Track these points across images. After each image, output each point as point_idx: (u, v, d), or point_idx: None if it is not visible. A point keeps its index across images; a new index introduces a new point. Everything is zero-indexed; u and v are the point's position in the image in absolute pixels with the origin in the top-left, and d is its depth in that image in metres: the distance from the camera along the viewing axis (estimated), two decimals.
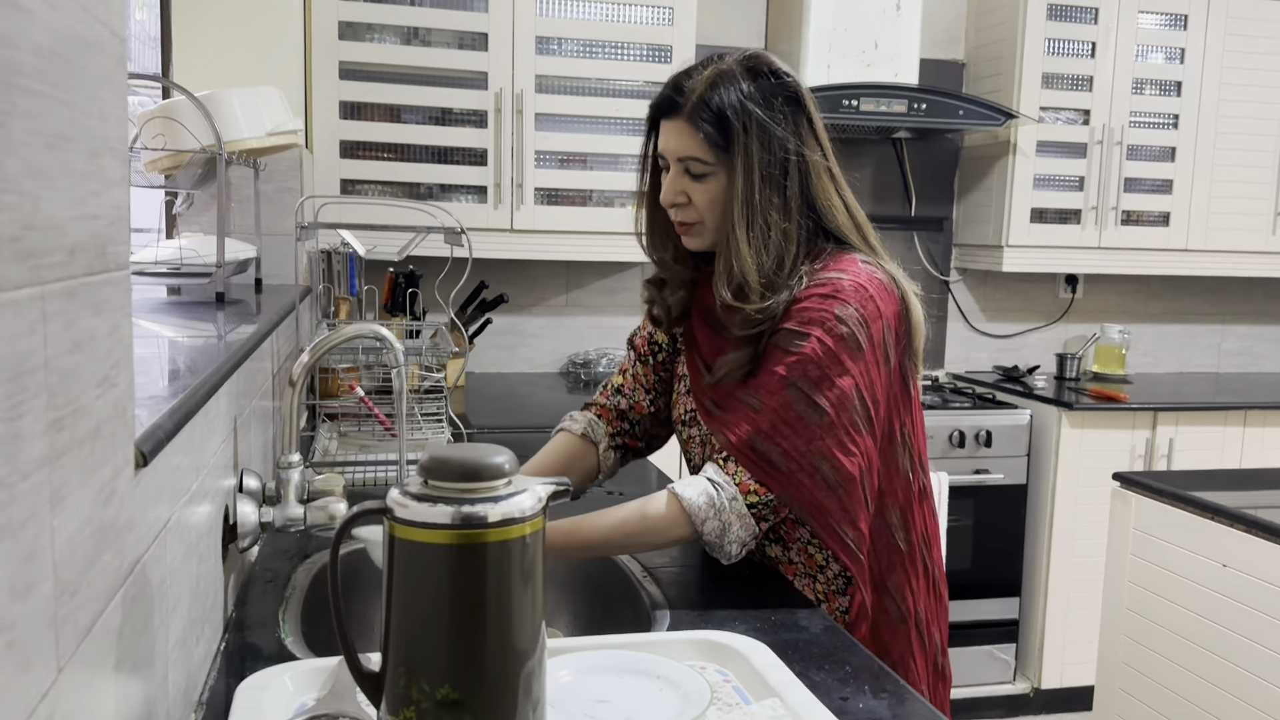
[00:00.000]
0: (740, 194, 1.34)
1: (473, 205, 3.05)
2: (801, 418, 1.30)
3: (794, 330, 1.33)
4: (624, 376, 1.64)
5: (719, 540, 1.32)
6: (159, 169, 1.99)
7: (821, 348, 1.31)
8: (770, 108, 1.35)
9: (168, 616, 0.87)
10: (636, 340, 1.65)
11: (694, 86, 1.36)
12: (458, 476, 0.80)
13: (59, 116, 0.56)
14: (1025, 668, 3.45)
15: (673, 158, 1.38)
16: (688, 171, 1.37)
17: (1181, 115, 3.60)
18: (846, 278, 1.35)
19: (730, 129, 1.33)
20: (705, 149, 1.35)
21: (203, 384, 0.98)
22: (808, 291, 1.35)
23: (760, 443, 1.31)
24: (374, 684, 0.84)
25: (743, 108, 1.33)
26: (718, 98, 1.34)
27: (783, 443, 1.31)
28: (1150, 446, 3.36)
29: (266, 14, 2.64)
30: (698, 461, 1.52)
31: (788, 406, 1.31)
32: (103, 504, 0.65)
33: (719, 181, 1.36)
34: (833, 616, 1.43)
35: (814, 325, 1.32)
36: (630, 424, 1.63)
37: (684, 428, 1.54)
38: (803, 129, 1.37)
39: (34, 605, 0.53)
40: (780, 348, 1.34)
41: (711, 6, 3.48)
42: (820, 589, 1.43)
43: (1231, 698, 2.05)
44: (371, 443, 2.17)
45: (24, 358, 0.51)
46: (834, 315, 1.32)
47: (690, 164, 1.36)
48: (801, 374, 1.31)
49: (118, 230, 0.67)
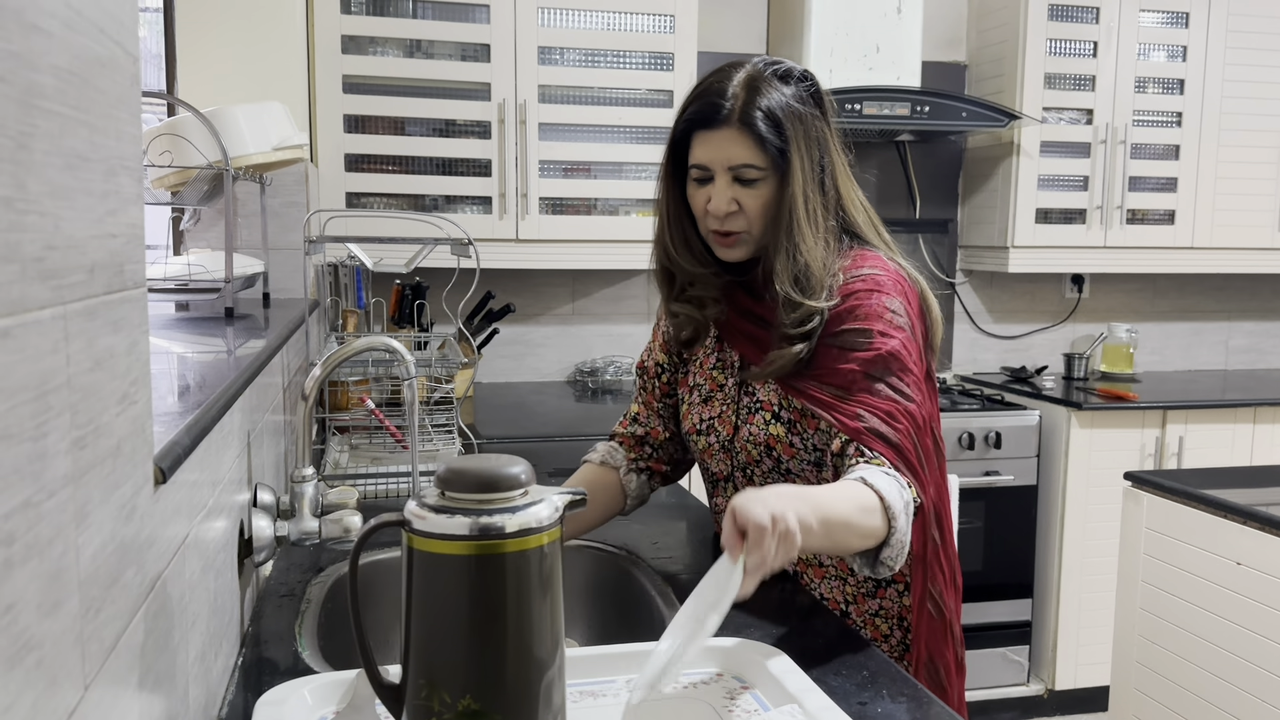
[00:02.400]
0: (800, 192, 1.34)
1: (478, 216, 3.06)
2: (898, 403, 1.31)
3: (857, 329, 1.33)
4: (638, 404, 1.63)
5: (902, 539, 1.22)
6: (166, 185, 2.00)
7: (892, 343, 1.32)
8: (811, 110, 1.37)
9: (187, 632, 0.87)
10: (647, 364, 1.62)
11: (735, 93, 1.34)
12: (475, 488, 0.81)
13: (78, 136, 0.56)
14: (1039, 669, 3.44)
15: (722, 167, 1.36)
16: (738, 179, 1.36)
17: (1185, 113, 3.60)
18: (880, 273, 1.37)
19: (784, 130, 1.33)
20: (758, 154, 1.34)
21: (217, 400, 0.99)
22: (850, 287, 1.36)
23: (878, 425, 1.29)
24: (395, 696, 0.84)
25: (789, 109, 1.34)
26: (765, 100, 1.34)
27: (895, 427, 1.30)
28: (1160, 445, 3.35)
29: (270, 29, 2.65)
30: (718, 470, 1.50)
31: (882, 395, 1.31)
32: (124, 521, 0.65)
33: (769, 186, 1.35)
34: (862, 619, 1.43)
35: (875, 320, 1.33)
36: (651, 448, 1.60)
37: (699, 437, 1.51)
38: (829, 129, 1.39)
39: (61, 623, 0.53)
40: (845, 348, 1.33)
41: (713, 13, 3.49)
42: (850, 591, 1.43)
43: (1248, 696, 2.04)
44: (383, 455, 2.17)
45: (48, 376, 0.51)
46: (888, 308, 1.34)
47: (743, 171, 1.35)
48: (883, 368, 1.32)
49: (134, 248, 0.68)
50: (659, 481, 1.61)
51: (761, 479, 1.44)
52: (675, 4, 3.10)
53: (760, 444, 1.41)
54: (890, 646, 1.44)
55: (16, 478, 0.47)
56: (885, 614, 1.44)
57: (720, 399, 1.49)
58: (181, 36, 2.58)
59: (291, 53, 2.71)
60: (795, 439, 1.39)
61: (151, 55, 2.58)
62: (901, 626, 1.44)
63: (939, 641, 1.42)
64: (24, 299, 0.48)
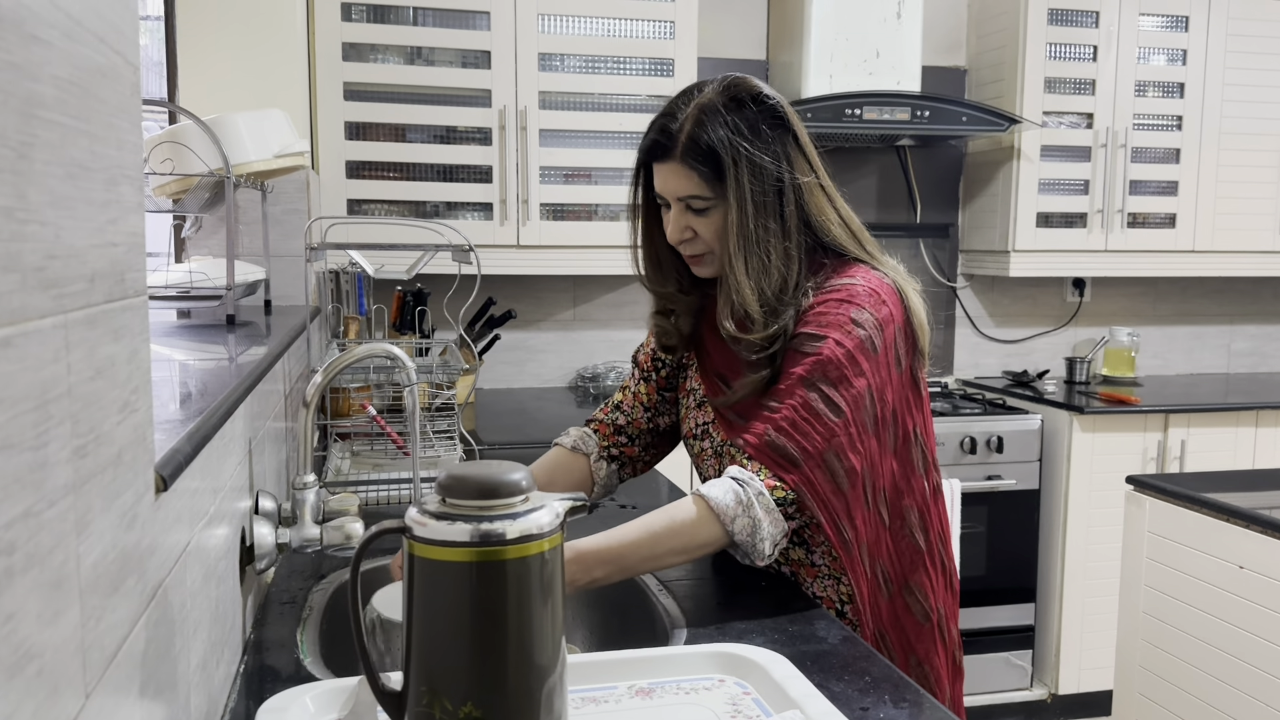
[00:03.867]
0: (735, 227, 1.36)
1: (479, 222, 3.06)
2: (819, 415, 1.31)
3: (811, 334, 1.35)
4: (624, 393, 1.66)
5: (750, 539, 1.30)
6: (167, 193, 2.00)
7: (840, 350, 1.33)
8: (757, 135, 1.36)
9: (189, 640, 0.87)
10: (640, 356, 1.66)
11: (680, 127, 1.37)
12: (476, 494, 0.81)
13: (79, 146, 0.56)
14: (1042, 674, 3.44)
15: (672, 198, 1.40)
16: (689, 208, 1.39)
17: (1185, 116, 3.60)
18: (858, 283, 1.37)
19: (722, 164, 1.35)
20: (701, 186, 1.37)
21: (218, 407, 0.99)
22: (822, 297, 1.37)
23: (777, 439, 1.32)
24: (396, 703, 0.84)
25: (730, 142, 1.35)
26: (705, 136, 1.35)
27: (800, 439, 1.31)
28: (1162, 449, 3.35)
29: (270, 37, 2.66)
30: (711, 474, 1.52)
31: (806, 404, 1.32)
32: (125, 529, 0.65)
33: (721, 211, 1.38)
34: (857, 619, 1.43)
35: (831, 328, 1.34)
36: (628, 438, 1.64)
37: (695, 441, 1.55)
38: (790, 150, 1.38)
39: (62, 632, 0.53)
40: (798, 350, 1.35)
41: (713, 19, 3.50)
42: (845, 592, 1.43)
43: (1251, 699, 2.04)
44: (384, 461, 2.17)
45: (49, 386, 0.51)
46: (850, 319, 1.34)
47: (690, 201, 1.38)
48: (821, 374, 1.32)
49: (135, 257, 0.68)
50: (629, 472, 1.66)
51: None
52: (675, 10, 3.11)
53: None
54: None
55: (17, 487, 0.47)
56: None
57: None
58: (183, 44, 2.58)
59: (292, 60, 2.72)
60: None
61: (152, 63, 2.58)
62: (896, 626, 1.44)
63: (925, 643, 1.42)
64: (25, 308, 0.48)
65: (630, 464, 1.65)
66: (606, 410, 1.67)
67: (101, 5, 0.61)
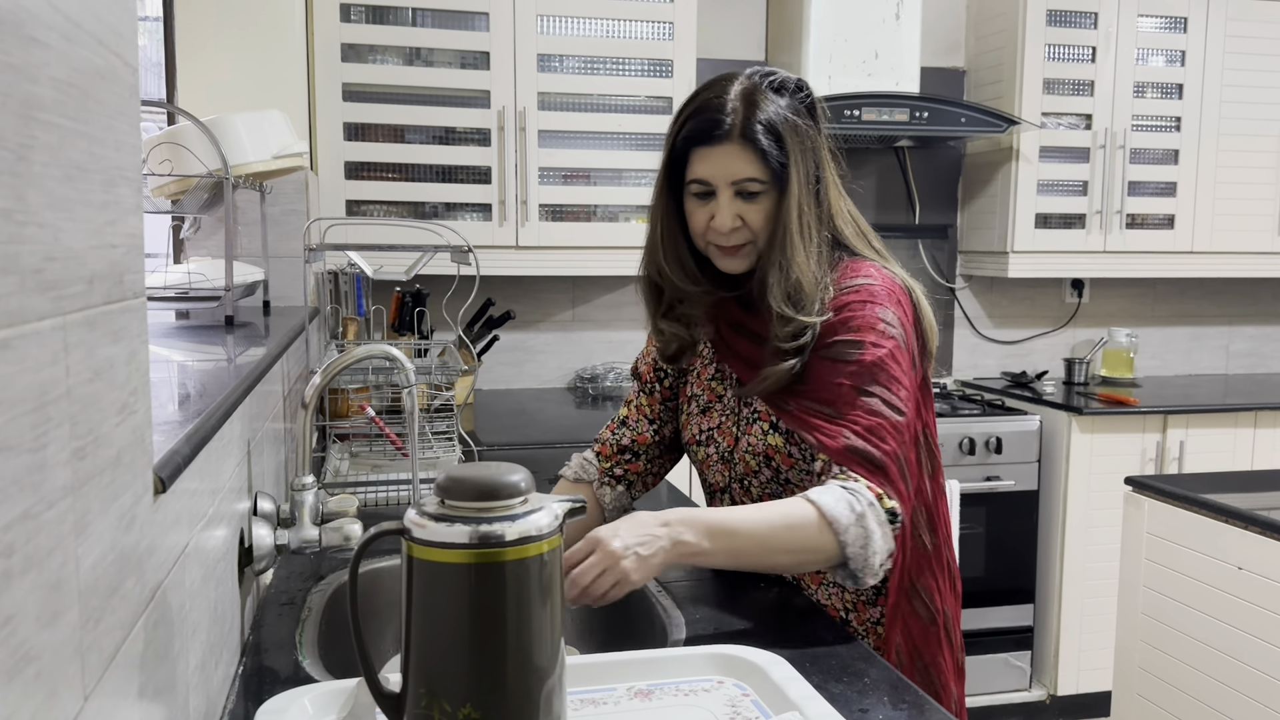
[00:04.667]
0: (795, 205, 1.33)
1: (477, 223, 3.06)
2: (886, 418, 1.29)
3: (848, 340, 1.32)
4: (629, 408, 1.61)
5: (863, 551, 1.22)
6: (166, 194, 2.00)
7: (882, 350, 1.31)
8: (808, 122, 1.36)
9: (188, 641, 0.87)
10: (641, 368, 1.61)
11: (734, 107, 1.33)
12: (474, 496, 0.81)
13: (77, 148, 0.56)
14: (1041, 675, 3.44)
15: (724, 182, 1.35)
16: (740, 194, 1.35)
17: (1184, 117, 3.60)
18: (875, 282, 1.36)
19: (784, 143, 1.33)
20: (760, 168, 1.33)
21: (217, 408, 0.99)
22: (843, 299, 1.35)
23: (857, 443, 1.28)
24: (395, 705, 0.84)
25: (787, 120, 1.34)
26: (763, 114, 1.33)
27: (880, 445, 1.28)
28: (1161, 450, 3.35)
29: (269, 38, 2.66)
30: (716, 481, 1.49)
31: (870, 409, 1.29)
32: (124, 530, 0.65)
33: (771, 199, 1.35)
34: (864, 628, 1.42)
35: (866, 331, 1.32)
36: (633, 455, 1.58)
37: (699, 447, 1.51)
38: (822, 141, 1.38)
39: (61, 634, 0.53)
40: (837, 359, 1.32)
41: (711, 20, 3.50)
42: (849, 599, 1.42)
43: (1251, 701, 2.04)
44: (383, 463, 2.17)
45: (47, 387, 0.51)
46: (879, 318, 1.33)
47: (747, 184, 1.34)
48: (871, 378, 1.30)
49: (133, 258, 0.68)
50: (640, 488, 1.60)
51: (759, 490, 1.44)
52: (674, 11, 3.11)
53: (759, 454, 1.41)
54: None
55: (16, 489, 0.47)
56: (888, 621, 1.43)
57: (719, 410, 1.48)
58: (181, 45, 2.58)
59: (291, 61, 2.72)
60: (793, 449, 1.39)
61: (151, 64, 2.58)
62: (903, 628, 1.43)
63: (932, 645, 1.42)
64: (23, 310, 0.48)
65: (639, 480, 1.59)
66: (612, 428, 1.60)
67: (100, 7, 0.61)
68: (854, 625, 1.43)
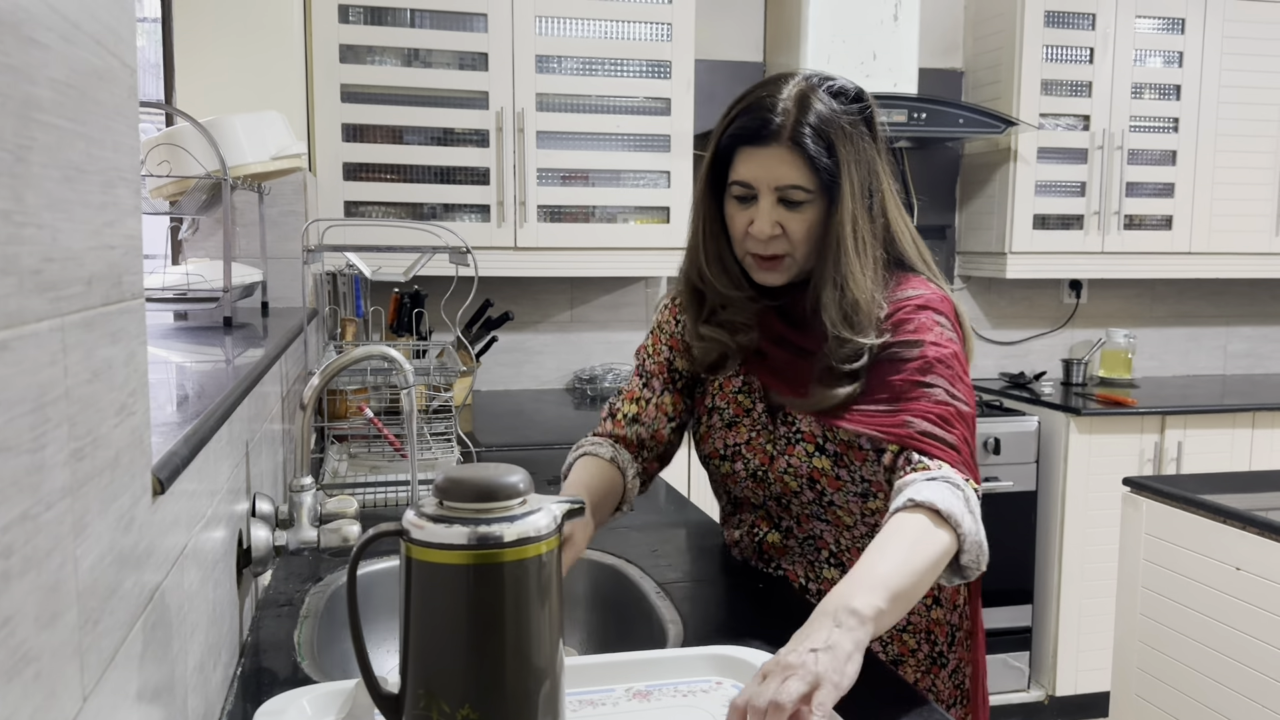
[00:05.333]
0: (849, 218, 1.27)
1: (476, 224, 3.06)
2: (952, 406, 1.25)
3: (908, 341, 1.28)
4: (639, 405, 1.48)
5: (978, 540, 1.16)
6: (164, 195, 2.00)
7: (944, 350, 1.28)
8: (858, 131, 1.29)
9: (186, 642, 0.87)
10: (651, 366, 1.50)
11: (786, 108, 1.27)
12: (473, 497, 0.81)
13: (75, 149, 0.56)
14: (1039, 675, 3.44)
15: (768, 187, 1.28)
16: (783, 201, 1.28)
17: (1181, 118, 3.61)
18: (927, 292, 1.33)
19: (836, 151, 1.26)
20: (808, 175, 1.27)
21: (215, 409, 0.99)
22: (896, 305, 1.31)
23: (929, 427, 1.23)
24: (393, 706, 0.84)
25: (842, 129, 1.27)
26: (818, 118, 1.26)
27: (950, 430, 1.24)
28: (1159, 450, 3.36)
29: (268, 39, 2.66)
30: (746, 497, 1.44)
31: (936, 399, 1.25)
32: (123, 532, 0.65)
33: (816, 210, 1.28)
34: (888, 635, 1.39)
35: (925, 331, 1.29)
36: (649, 451, 1.49)
37: (724, 462, 1.43)
38: (879, 153, 1.32)
39: (59, 635, 0.53)
40: (896, 360, 1.28)
41: (709, 21, 3.50)
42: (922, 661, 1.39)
43: (1249, 701, 2.04)
44: (381, 464, 2.17)
45: (46, 388, 0.51)
46: (937, 322, 1.30)
47: (790, 192, 1.28)
48: (934, 372, 1.26)
49: (132, 259, 0.68)
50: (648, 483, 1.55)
51: (800, 510, 1.39)
52: (672, 12, 3.11)
53: (803, 476, 1.36)
54: (917, 661, 1.40)
55: (15, 490, 0.47)
56: (912, 629, 1.39)
57: (748, 425, 1.41)
58: (180, 46, 2.58)
59: (289, 62, 2.72)
60: (842, 471, 1.34)
61: (150, 65, 2.58)
62: (929, 640, 1.40)
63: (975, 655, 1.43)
64: (22, 311, 0.48)
65: (651, 479, 1.52)
66: (621, 425, 1.48)
67: (98, 8, 0.61)
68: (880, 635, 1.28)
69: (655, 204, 3.15)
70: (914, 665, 1.40)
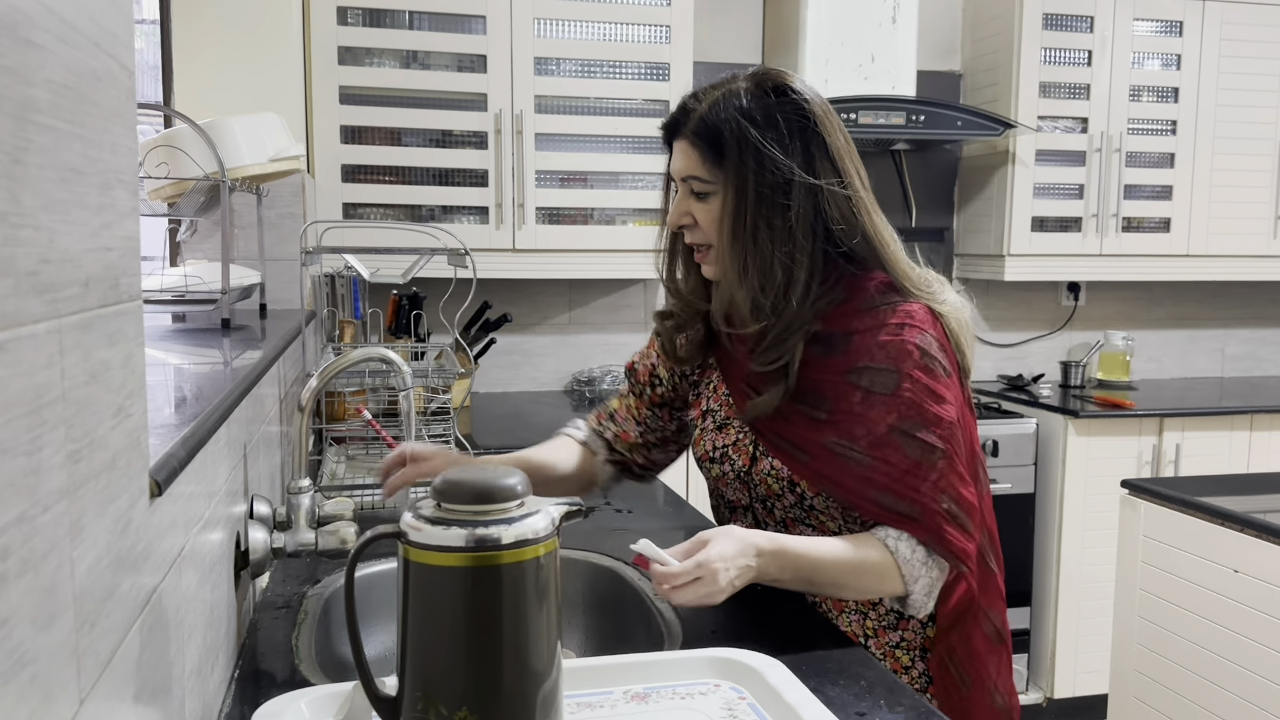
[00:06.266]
0: (731, 212, 1.29)
1: (474, 226, 3.06)
2: (919, 463, 1.26)
3: (882, 369, 1.28)
4: (619, 402, 1.62)
5: (925, 598, 1.30)
6: (162, 197, 2.00)
7: (918, 386, 1.27)
8: (771, 126, 1.29)
9: (183, 645, 0.87)
10: (639, 368, 1.59)
11: (696, 105, 1.34)
12: (471, 499, 0.81)
13: (73, 150, 0.56)
14: (1038, 677, 3.44)
15: (677, 177, 1.36)
16: (692, 192, 1.34)
17: (1179, 121, 3.61)
18: (914, 305, 1.32)
19: (724, 146, 1.29)
20: (703, 167, 1.31)
21: (213, 411, 0.99)
22: (877, 318, 1.31)
23: (885, 498, 1.27)
24: (391, 708, 0.83)
25: (738, 125, 1.29)
26: (714, 114, 1.31)
27: (909, 494, 1.26)
28: (1157, 453, 3.36)
29: (266, 41, 2.66)
30: (736, 499, 1.44)
31: (902, 456, 1.27)
32: (120, 534, 0.65)
33: (721, 201, 1.32)
34: (881, 652, 1.39)
35: (902, 359, 1.28)
36: (620, 445, 1.58)
37: (713, 465, 1.45)
38: (813, 150, 1.31)
39: (56, 637, 0.53)
40: (871, 391, 1.28)
41: (708, 23, 3.50)
42: (870, 625, 1.39)
43: (1247, 704, 2.04)
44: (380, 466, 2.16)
45: (43, 390, 0.51)
46: (916, 346, 1.28)
47: (692, 183, 1.33)
48: (904, 418, 1.27)
49: (129, 261, 0.68)
50: (628, 478, 1.63)
51: (783, 513, 1.40)
52: (671, 14, 3.11)
53: (783, 479, 1.37)
54: (911, 679, 1.40)
55: (11, 492, 0.47)
56: (906, 645, 1.40)
57: (735, 427, 1.43)
58: (178, 48, 2.58)
59: (288, 64, 2.72)
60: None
61: (148, 67, 2.58)
62: (924, 659, 1.40)
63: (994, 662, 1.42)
64: (18, 313, 0.48)
65: (629, 472, 1.61)
66: (602, 417, 1.62)
67: (96, 9, 0.61)
68: (873, 650, 1.39)
69: (654, 206, 3.14)
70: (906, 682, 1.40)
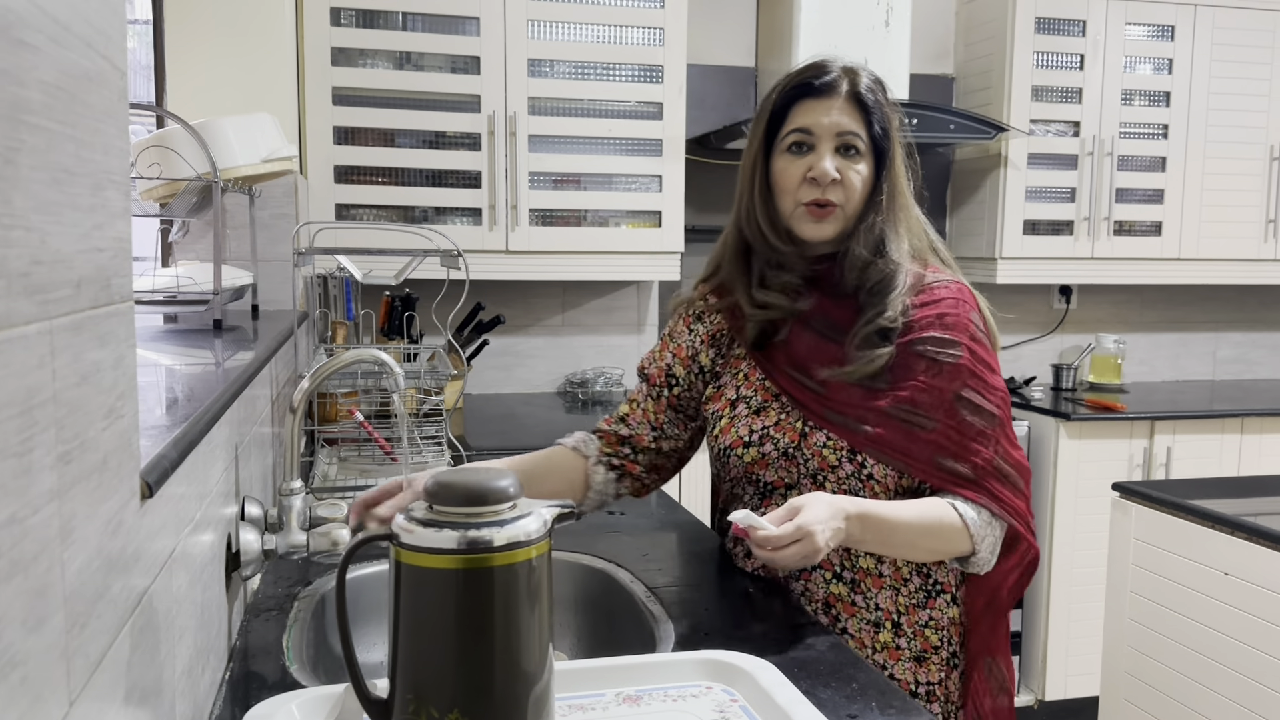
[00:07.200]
0: (897, 184, 1.41)
1: (467, 227, 3.06)
2: (980, 429, 1.36)
3: (947, 339, 1.38)
4: (631, 407, 1.57)
5: (990, 556, 1.38)
6: (154, 197, 2.00)
7: (976, 357, 1.38)
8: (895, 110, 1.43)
9: (174, 646, 0.87)
10: (651, 370, 1.57)
11: (844, 74, 1.40)
12: (463, 501, 0.81)
13: (65, 151, 0.56)
14: (1029, 680, 3.44)
15: (829, 133, 1.38)
16: (841, 149, 1.39)
17: (1171, 125, 3.62)
18: (953, 282, 1.44)
19: (887, 114, 1.40)
20: (864, 129, 1.39)
21: (204, 412, 0.99)
22: (933, 295, 1.41)
23: (948, 462, 1.36)
24: (382, 710, 0.83)
25: (887, 97, 1.43)
26: (876, 89, 1.41)
27: (970, 457, 1.36)
28: (1148, 456, 3.37)
29: (259, 41, 2.65)
30: (777, 479, 1.42)
31: (964, 421, 1.36)
32: (110, 535, 0.65)
33: (868, 166, 1.39)
34: (911, 630, 1.41)
35: (960, 331, 1.39)
36: (631, 449, 1.54)
37: (748, 449, 1.43)
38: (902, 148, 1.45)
39: (46, 639, 0.53)
40: (932, 359, 1.38)
41: (702, 26, 3.50)
42: (902, 602, 1.41)
43: (1237, 706, 2.05)
44: (372, 467, 2.16)
45: (33, 392, 0.51)
46: (971, 320, 1.40)
47: (850, 138, 1.38)
48: (963, 384, 1.37)
49: (121, 262, 0.68)
50: (627, 486, 1.56)
51: (835, 486, 1.39)
52: (665, 17, 3.11)
53: (841, 450, 1.38)
54: (941, 660, 1.42)
55: (1, 493, 0.47)
56: (935, 624, 1.42)
57: (777, 409, 1.43)
58: (171, 48, 2.58)
59: (281, 65, 2.71)
60: None
61: (141, 67, 2.57)
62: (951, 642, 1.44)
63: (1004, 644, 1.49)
64: (9, 314, 0.48)
65: (630, 479, 1.55)
66: (611, 421, 1.57)
67: (88, 10, 0.61)
68: (904, 629, 1.41)
69: (647, 208, 3.15)
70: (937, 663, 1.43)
